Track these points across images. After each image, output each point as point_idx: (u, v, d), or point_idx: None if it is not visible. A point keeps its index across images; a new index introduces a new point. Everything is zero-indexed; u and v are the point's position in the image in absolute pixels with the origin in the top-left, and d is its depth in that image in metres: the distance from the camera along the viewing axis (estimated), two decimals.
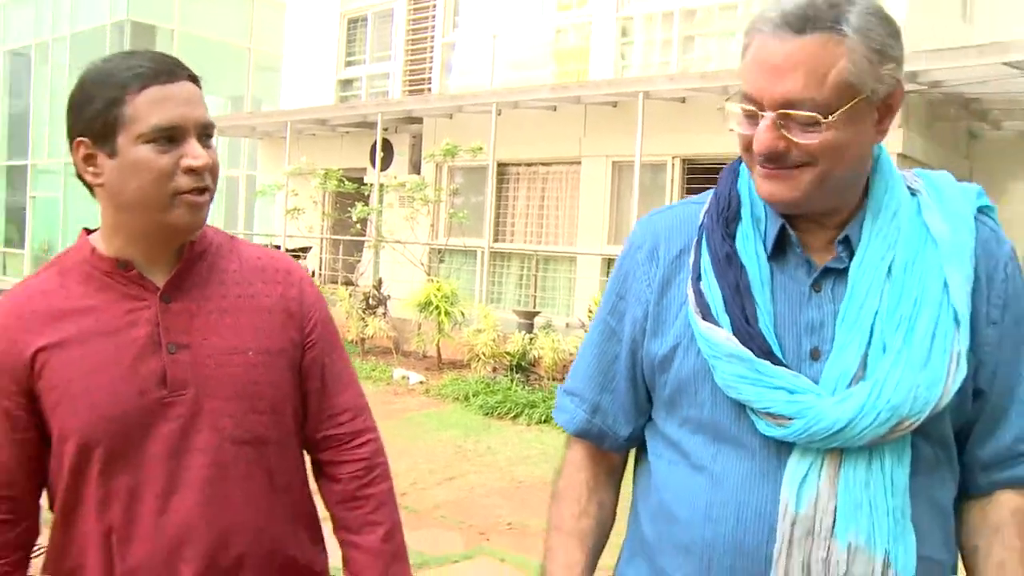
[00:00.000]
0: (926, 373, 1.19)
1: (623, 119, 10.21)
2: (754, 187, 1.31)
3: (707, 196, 1.39)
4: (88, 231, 1.53)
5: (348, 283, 12.31)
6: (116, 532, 1.46)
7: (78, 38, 21.37)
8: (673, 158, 10.47)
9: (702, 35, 10.76)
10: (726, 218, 1.33)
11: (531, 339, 9.12)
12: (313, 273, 12.80)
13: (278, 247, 13.19)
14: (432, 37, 13.49)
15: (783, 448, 1.23)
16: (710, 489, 1.29)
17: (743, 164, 1.35)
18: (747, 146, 1.25)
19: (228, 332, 1.51)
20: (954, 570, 1.33)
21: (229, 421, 1.49)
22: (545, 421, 7.55)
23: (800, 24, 1.16)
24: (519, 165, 12.17)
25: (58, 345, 1.44)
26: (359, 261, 13.33)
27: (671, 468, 1.35)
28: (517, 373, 8.88)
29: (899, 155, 9.03)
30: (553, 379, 8.72)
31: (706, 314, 1.27)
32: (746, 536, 1.25)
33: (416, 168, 13.23)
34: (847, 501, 1.20)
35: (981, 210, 1.33)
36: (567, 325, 10.01)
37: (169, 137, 1.41)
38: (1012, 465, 1.31)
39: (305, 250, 13.71)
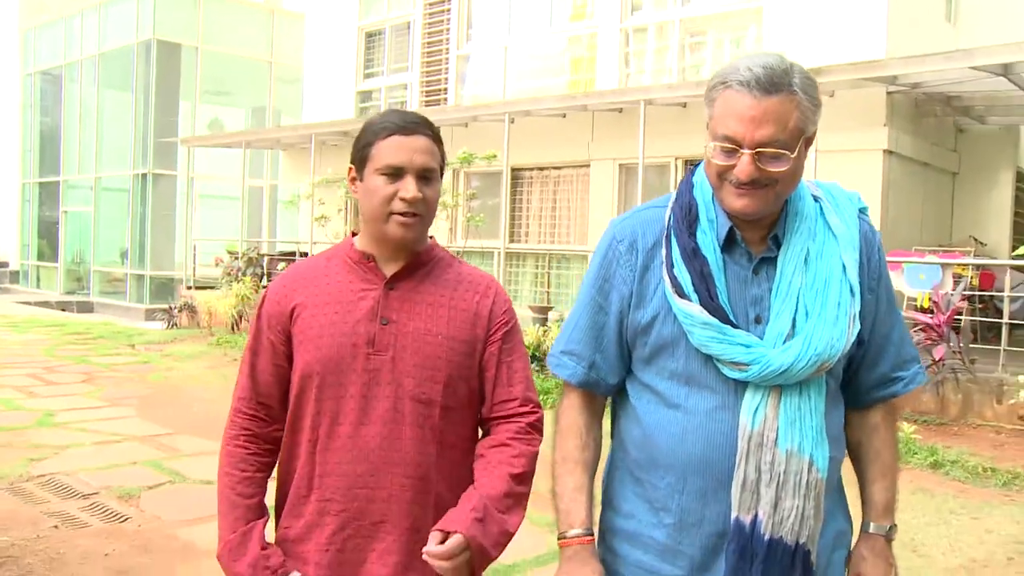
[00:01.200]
0: (836, 329, 1.65)
1: (628, 124, 10.74)
2: (707, 196, 1.74)
3: (666, 200, 1.81)
4: (354, 233, 2.00)
5: None
6: (319, 443, 1.87)
7: (106, 57, 21.84)
8: (675, 159, 11.03)
9: (700, 44, 11.33)
10: (688, 221, 1.73)
11: (545, 331, 9.76)
12: None
13: (305, 254, 13.88)
14: (447, 49, 14.05)
15: (739, 387, 1.66)
16: (684, 420, 1.70)
17: (695, 178, 1.78)
18: (721, 173, 1.65)
19: (427, 318, 1.91)
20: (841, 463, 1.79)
21: (410, 382, 1.86)
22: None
23: (769, 87, 1.57)
24: (532, 169, 12.73)
25: (309, 303, 1.90)
26: None
27: (650, 407, 1.76)
28: (532, 363, 9.50)
29: (885, 151, 9.58)
30: None
31: (680, 293, 1.68)
32: (713, 453, 1.67)
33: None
34: (785, 421, 1.65)
35: (861, 211, 1.79)
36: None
37: (395, 173, 1.84)
38: (887, 386, 1.81)
39: None
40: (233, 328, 13.21)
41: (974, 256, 10.04)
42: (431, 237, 1.99)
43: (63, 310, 19.91)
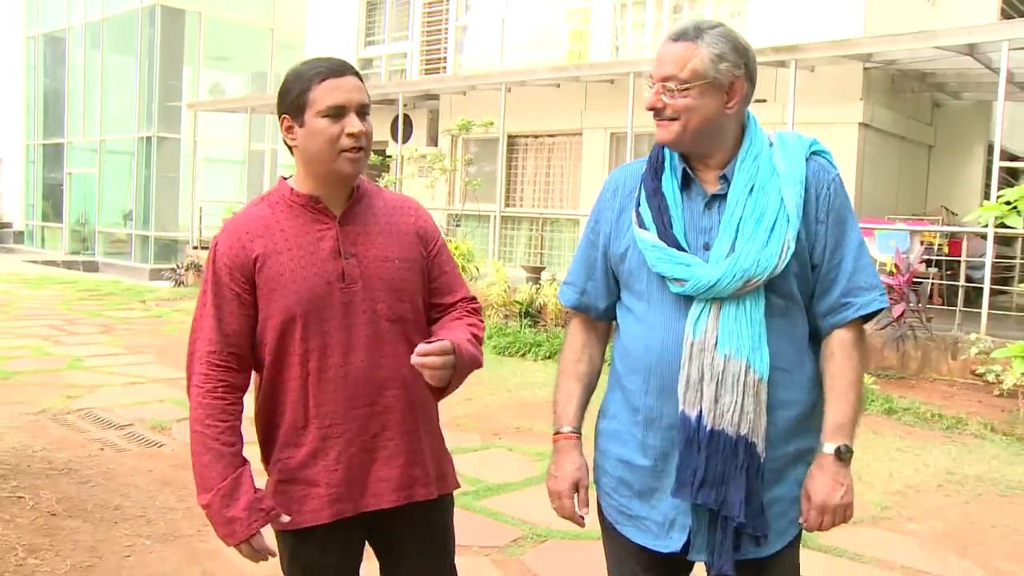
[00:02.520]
0: (766, 251, 1.84)
1: (619, 95, 11.22)
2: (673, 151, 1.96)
3: (647, 158, 2.06)
4: (284, 179, 2.07)
5: None
6: (311, 376, 1.98)
7: (110, 22, 22.16)
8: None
9: (688, 17, 11.80)
10: (655, 168, 1.99)
11: (537, 289, 10.34)
12: None
13: None
14: (447, 20, 14.49)
15: (687, 301, 1.90)
16: (647, 332, 1.96)
17: None
18: (646, 108, 1.94)
19: (381, 246, 2.06)
20: (812, 380, 1.96)
21: (383, 305, 2.02)
22: (548, 357, 8.73)
23: (676, 37, 1.89)
24: (527, 137, 13.24)
25: (272, 252, 1.98)
26: None
27: (626, 322, 2.04)
28: (525, 319, 10.10)
29: (860, 124, 10.12)
30: (556, 324, 9.94)
31: (641, 225, 1.95)
32: (667, 357, 1.91)
33: (434, 140, 14.34)
34: (723, 329, 1.87)
35: (816, 153, 1.99)
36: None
37: (336, 113, 1.94)
38: (839, 312, 1.95)
39: None
40: None
41: (943, 224, 10.64)
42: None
43: (69, 269, 20.44)
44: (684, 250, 1.89)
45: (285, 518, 1.96)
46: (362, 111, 1.97)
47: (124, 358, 8.49)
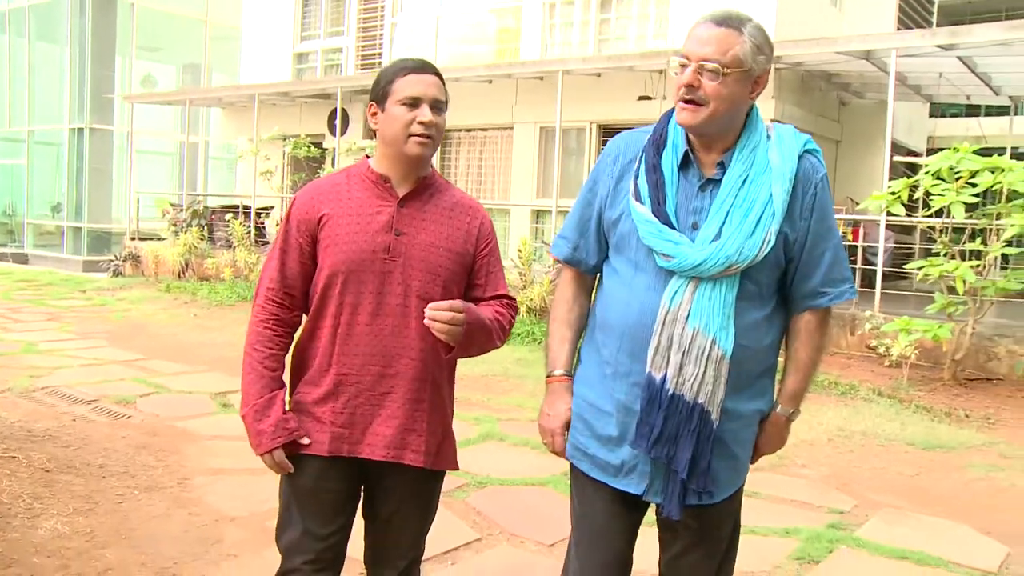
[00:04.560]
0: (750, 241, 1.94)
1: (548, 91, 11.75)
2: (677, 128, 2.05)
3: (652, 128, 2.13)
4: (367, 156, 2.35)
5: None
6: (341, 328, 2.22)
7: (37, 9, 21.78)
8: (591, 124, 12.18)
9: (615, 19, 12.45)
10: (657, 144, 2.07)
11: None
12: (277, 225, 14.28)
13: (247, 207, 14.71)
14: (382, 16, 14.91)
15: (668, 275, 2.00)
16: (628, 294, 2.07)
17: (673, 114, 2.06)
18: (677, 91, 1.97)
19: (431, 233, 2.27)
20: (768, 352, 2.09)
21: (417, 283, 2.22)
22: None
23: (720, 22, 1.95)
24: (460, 131, 13.74)
25: (335, 214, 2.24)
26: None
27: (611, 282, 2.15)
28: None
29: (772, 120, 10.81)
30: None
31: (637, 198, 2.04)
32: (643, 321, 2.02)
33: (371, 134, 14.66)
34: (696, 306, 1.97)
35: (809, 151, 2.06)
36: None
37: (413, 103, 2.19)
38: (815, 298, 2.09)
39: (268, 209, 15.21)
40: (179, 275, 14.04)
41: (847, 214, 11.51)
42: (431, 167, 2.35)
43: None
44: (674, 227, 2.00)
45: (306, 440, 2.21)
46: (436, 105, 2.21)
47: (77, 342, 8.81)
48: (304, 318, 2.34)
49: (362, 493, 2.37)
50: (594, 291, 2.30)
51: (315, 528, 2.26)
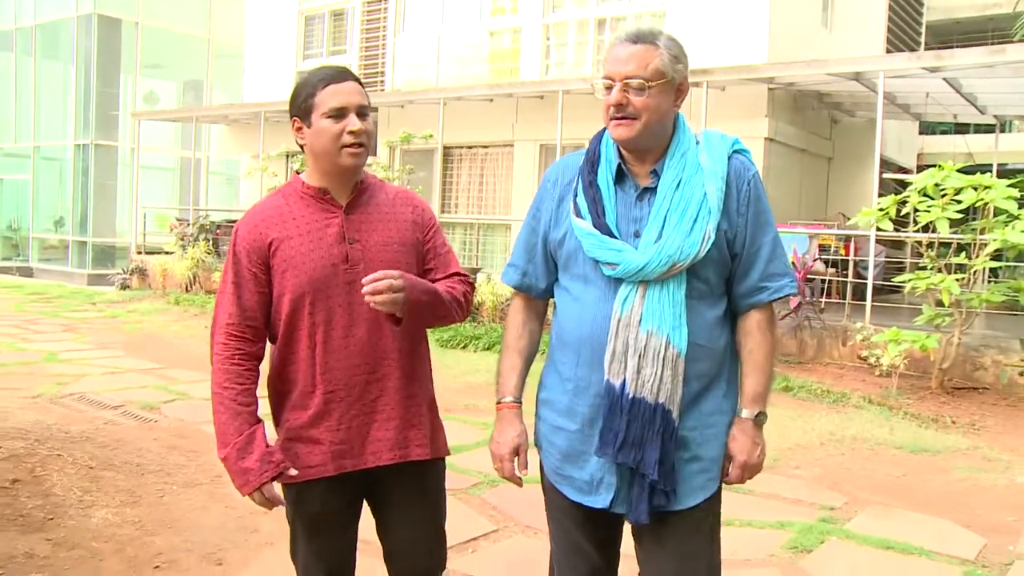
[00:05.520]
0: (689, 240, 2.01)
1: (549, 110, 12.11)
2: (610, 145, 2.11)
3: (585, 151, 2.20)
4: (297, 173, 2.31)
5: None
6: (318, 347, 2.20)
7: (44, 28, 22.17)
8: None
9: (609, 41, 12.80)
10: (592, 161, 2.13)
11: (475, 288, 11.20)
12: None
13: None
14: (384, 36, 15.28)
15: (617, 284, 2.05)
16: (580, 309, 2.11)
17: (604, 133, 2.14)
18: (607, 109, 2.04)
19: (382, 232, 2.27)
20: (724, 353, 2.13)
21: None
22: (488, 348, 9.58)
23: (635, 39, 2.02)
24: (461, 148, 14.06)
25: (285, 238, 2.21)
26: None
27: (563, 300, 2.19)
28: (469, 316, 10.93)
29: (766, 139, 11.28)
30: (493, 319, 10.84)
31: (579, 214, 2.10)
32: (597, 331, 2.07)
33: (372, 150, 15.09)
34: (647, 309, 2.03)
35: (738, 152, 2.14)
36: (502, 279, 12.01)
37: (338, 114, 2.15)
38: (756, 294, 2.13)
39: None
40: (187, 288, 14.34)
41: (838, 229, 11.87)
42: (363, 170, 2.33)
43: (3, 275, 20.53)
44: (616, 237, 2.05)
45: (293, 471, 2.18)
46: (361, 112, 2.19)
47: (96, 352, 9.11)
48: (269, 346, 2.31)
49: (370, 512, 2.40)
50: (547, 316, 2.35)
51: (325, 547, 2.31)
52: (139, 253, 16.81)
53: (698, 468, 2.10)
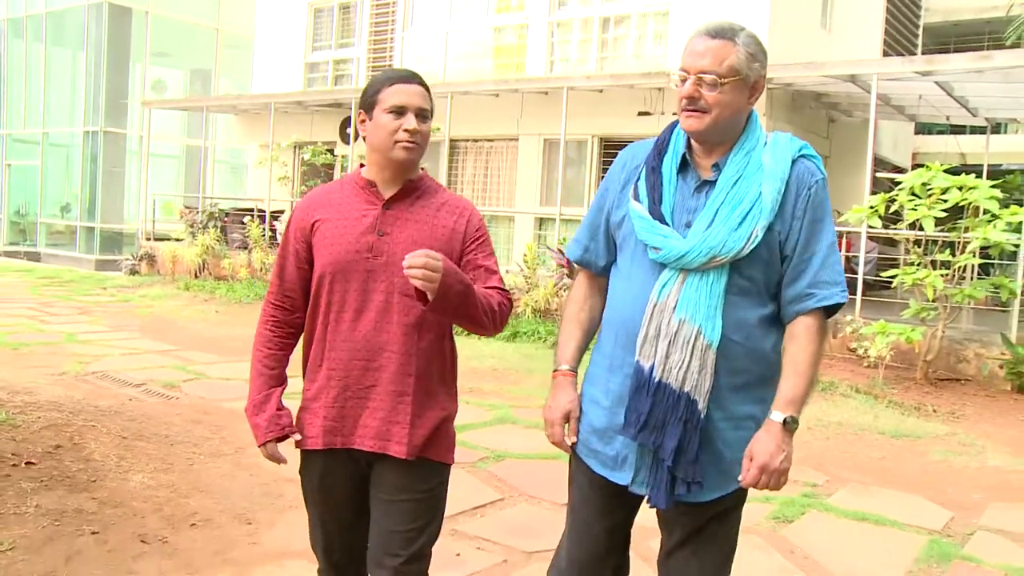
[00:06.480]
0: (735, 235, 2.03)
1: (553, 105, 12.42)
2: (680, 133, 2.16)
3: (657, 138, 2.25)
4: (361, 164, 2.42)
5: None
6: (329, 326, 2.33)
7: (54, 16, 22.41)
8: (592, 136, 12.83)
9: (615, 38, 13.14)
10: (660, 150, 2.18)
11: None
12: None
13: (262, 211, 15.34)
14: (392, 31, 15.58)
15: (661, 268, 2.10)
16: (626, 289, 2.19)
17: (678, 124, 2.17)
18: (679, 100, 2.07)
19: (415, 232, 2.33)
20: (768, 357, 2.12)
21: (399, 280, 2.25)
22: (493, 337, 9.95)
23: (714, 34, 2.05)
24: (467, 141, 14.35)
25: (326, 219, 2.36)
26: None
27: (615, 280, 2.26)
28: None
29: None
30: None
31: (636, 197, 2.16)
32: (635, 313, 2.12)
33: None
34: (683, 296, 2.06)
35: (805, 156, 2.13)
36: (506, 272, 12.27)
37: (399, 111, 2.28)
38: (804, 300, 2.10)
39: (280, 212, 15.82)
40: (196, 275, 14.67)
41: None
42: (423, 169, 2.43)
43: (12, 259, 20.86)
44: (667, 225, 2.10)
45: (297, 436, 2.35)
46: (421, 113, 2.30)
47: (112, 334, 9.46)
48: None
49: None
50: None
51: (333, 526, 2.42)
52: (148, 240, 17.14)
53: (718, 466, 2.11)
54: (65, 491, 4.00)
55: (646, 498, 2.16)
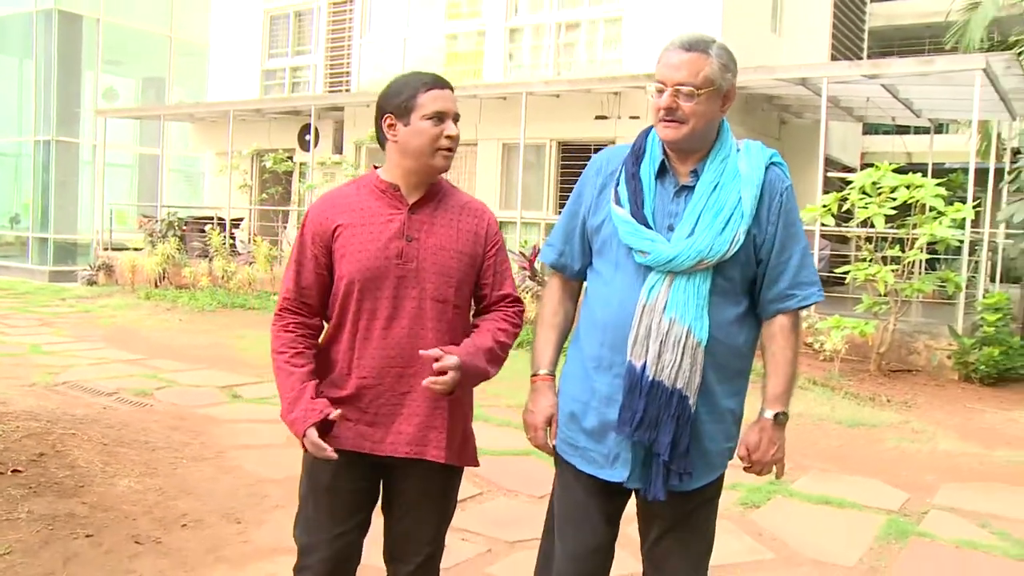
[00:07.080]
0: (720, 239, 2.11)
1: (511, 110, 12.62)
2: (655, 140, 2.22)
3: (631, 144, 2.31)
4: (375, 167, 2.40)
5: (275, 243, 14.47)
6: (359, 334, 2.29)
7: (2, 22, 22.28)
8: (550, 140, 13.06)
9: (570, 44, 13.37)
10: (637, 155, 2.25)
11: None
12: (248, 237, 14.94)
13: (221, 219, 15.31)
14: (350, 37, 15.65)
15: (646, 271, 2.16)
16: (609, 292, 2.23)
17: (653, 129, 2.24)
18: (656, 111, 2.14)
19: (441, 236, 2.33)
20: (742, 351, 2.23)
21: (430, 285, 2.28)
22: None
23: (688, 47, 2.12)
24: None
25: (348, 225, 2.30)
26: (284, 227, 15.43)
27: (595, 284, 2.30)
28: None
29: None
30: None
31: (618, 202, 2.21)
32: (623, 315, 2.17)
33: (339, 149, 15.45)
34: (672, 297, 2.13)
35: (775, 163, 2.23)
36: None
37: (439, 117, 2.27)
38: (784, 300, 2.21)
39: (239, 220, 15.82)
40: (156, 284, 14.59)
41: None
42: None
43: None
44: (651, 228, 2.16)
45: (336, 412, 2.24)
46: (457, 119, 2.31)
47: (77, 344, 9.42)
48: (325, 324, 2.43)
49: (381, 492, 2.46)
50: (580, 298, 2.45)
51: (330, 525, 2.36)
52: (105, 249, 16.98)
53: (703, 459, 2.20)
54: (54, 497, 4.07)
55: (641, 491, 2.23)
